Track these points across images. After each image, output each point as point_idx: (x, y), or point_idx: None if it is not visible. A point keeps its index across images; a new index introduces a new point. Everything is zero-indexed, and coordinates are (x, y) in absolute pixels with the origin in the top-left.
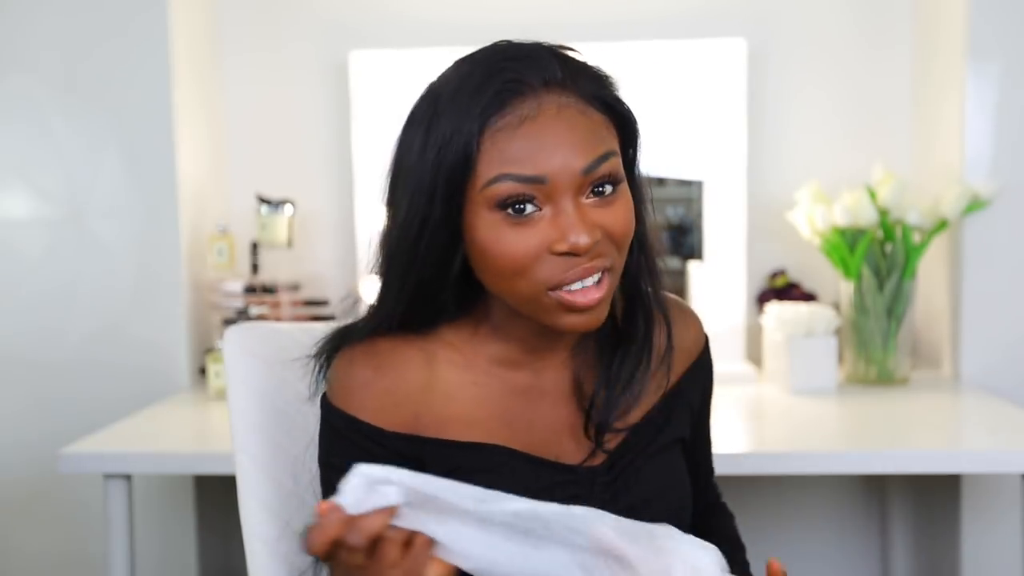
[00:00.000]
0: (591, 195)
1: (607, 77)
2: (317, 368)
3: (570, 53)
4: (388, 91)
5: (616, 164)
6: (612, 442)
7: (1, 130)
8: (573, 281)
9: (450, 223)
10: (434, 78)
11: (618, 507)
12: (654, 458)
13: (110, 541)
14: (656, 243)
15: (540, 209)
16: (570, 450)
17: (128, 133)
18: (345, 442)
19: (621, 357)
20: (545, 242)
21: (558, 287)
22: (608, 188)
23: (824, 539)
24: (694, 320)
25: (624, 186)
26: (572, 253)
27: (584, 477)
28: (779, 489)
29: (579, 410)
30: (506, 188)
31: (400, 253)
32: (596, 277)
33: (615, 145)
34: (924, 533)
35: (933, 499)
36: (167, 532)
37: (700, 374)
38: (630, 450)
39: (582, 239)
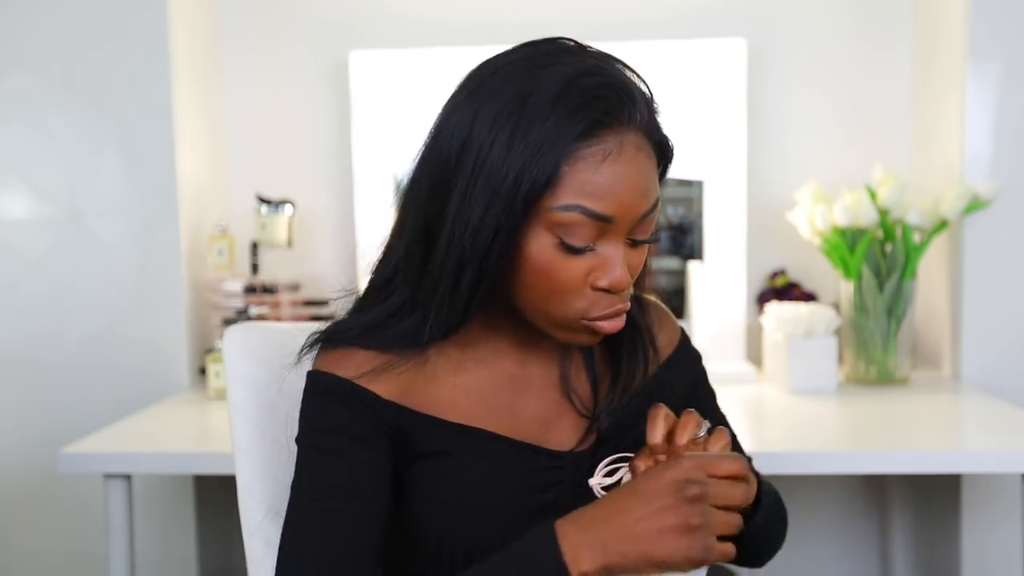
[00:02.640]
0: (630, 241)
1: (660, 113)
2: (310, 343)
3: (642, 85)
4: (388, 91)
5: (658, 212)
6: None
7: (1, 130)
8: (607, 317)
9: (517, 234)
10: (506, 67)
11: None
12: (637, 445)
13: (110, 541)
14: (655, 250)
15: (593, 246)
16: (554, 438)
17: (128, 133)
18: (334, 402)
19: (618, 356)
20: (588, 275)
21: (591, 319)
22: (646, 241)
23: (824, 539)
24: (668, 315)
25: None
26: (610, 291)
27: (568, 463)
28: (779, 489)
29: (564, 401)
30: (574, 218)
31: (463, 260)
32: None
33: (659, 191)
34: (924, 533)
35: (933, 499)
36: (167, 532)
37: (681, 364)
38: (613, 437)
39: (623, 280)
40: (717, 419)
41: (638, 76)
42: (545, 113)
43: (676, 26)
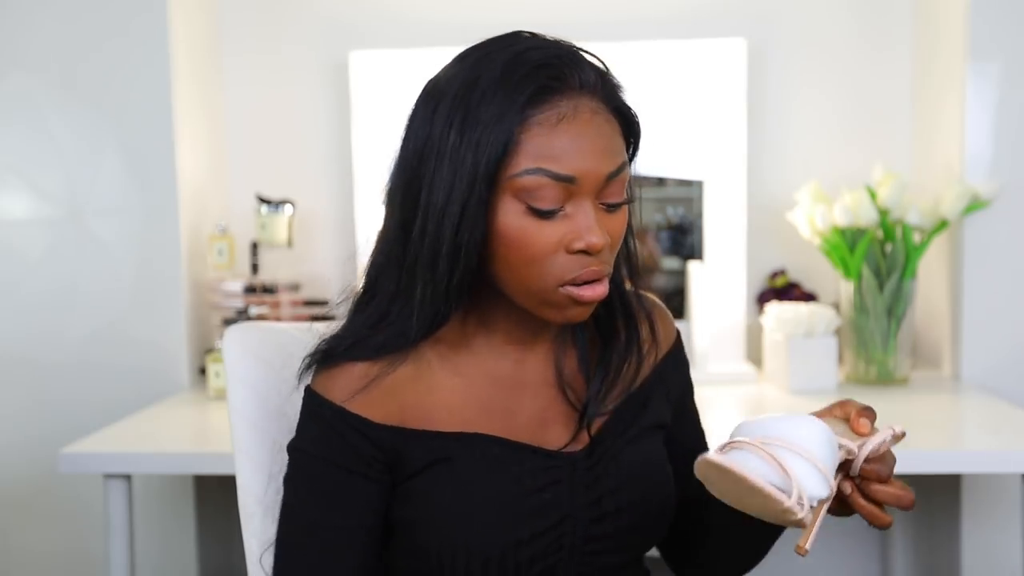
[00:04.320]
0: (602, 206)
1: (622, 85)
2: (305, 366)
3: (595, 61)
4: (388, 91)
5: (627, 175)
6: (592, 427)
7: (1, 130)
8: (585, 280)
9: (485, 209)
10: (459, 62)
11: (599, 490)
12: (633, 442)
13: (110, 541)
14: (640, 240)
15: (562, 208)
16: (551, 437)
17: (128, 133)
18: (328, 430)
19: (608, 348)
20: (562, 239)
21: (570, 283)
22: (619, 204)
23: (824, 539)
24: (666, 313)
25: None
26: (586, 252)
27: (565, 462)
28: None
29: (560, 398)
30: (537, 181)
31: (437, 244)
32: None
33: (625, 156)
34: (924, 533)
35: (933, 499)
36: (167, 532)
37: (675, 365)
38: (609, 435)
39: (597, 240)
40: (699, 435)
41: (593, 56)
42: (493, 90)
43: (676, 26)
